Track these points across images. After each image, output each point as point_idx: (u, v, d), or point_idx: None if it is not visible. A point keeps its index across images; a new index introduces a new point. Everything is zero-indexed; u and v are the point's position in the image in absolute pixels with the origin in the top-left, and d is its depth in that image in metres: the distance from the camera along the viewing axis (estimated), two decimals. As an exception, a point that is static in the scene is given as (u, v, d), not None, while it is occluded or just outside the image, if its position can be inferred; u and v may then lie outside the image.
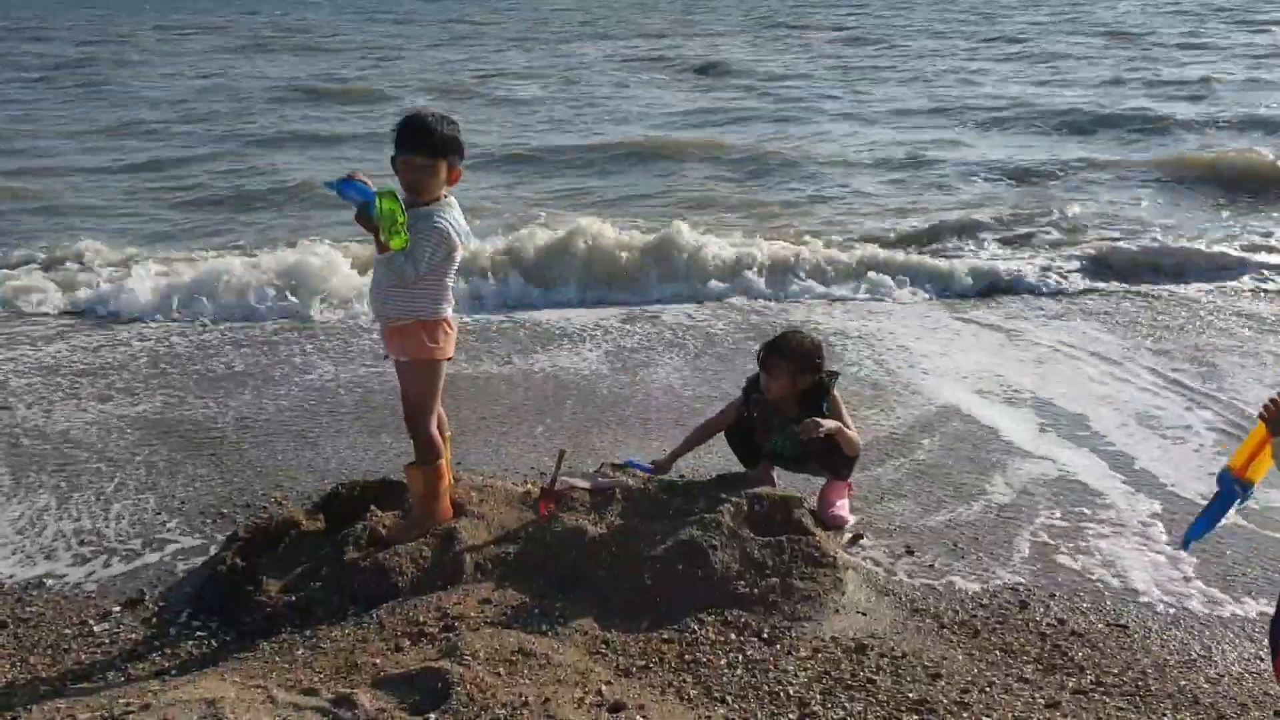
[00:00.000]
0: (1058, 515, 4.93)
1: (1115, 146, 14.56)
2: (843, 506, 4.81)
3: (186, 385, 6.77)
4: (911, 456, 5.57)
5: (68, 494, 5.25)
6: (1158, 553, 4.59)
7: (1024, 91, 19.22)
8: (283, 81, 22.07)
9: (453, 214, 4.17)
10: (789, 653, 3.73)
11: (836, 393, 4.83)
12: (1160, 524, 4.84)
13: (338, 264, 8.85)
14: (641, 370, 6.97)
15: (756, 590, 4.02)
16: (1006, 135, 15.60)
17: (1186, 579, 4.38)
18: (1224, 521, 3.27)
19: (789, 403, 4.77)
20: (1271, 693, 3.63)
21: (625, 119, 17.50)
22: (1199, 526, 3.25)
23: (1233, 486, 3.15)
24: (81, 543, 4.78)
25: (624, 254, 9.31)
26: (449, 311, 4.28)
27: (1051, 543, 4.67)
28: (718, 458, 5.33)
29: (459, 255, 4.23)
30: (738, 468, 5.04)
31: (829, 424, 4.63)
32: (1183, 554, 4.49)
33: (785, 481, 4.99)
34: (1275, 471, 3.10)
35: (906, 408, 6.22)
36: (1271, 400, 3.05)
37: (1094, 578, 4.39)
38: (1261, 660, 3.83)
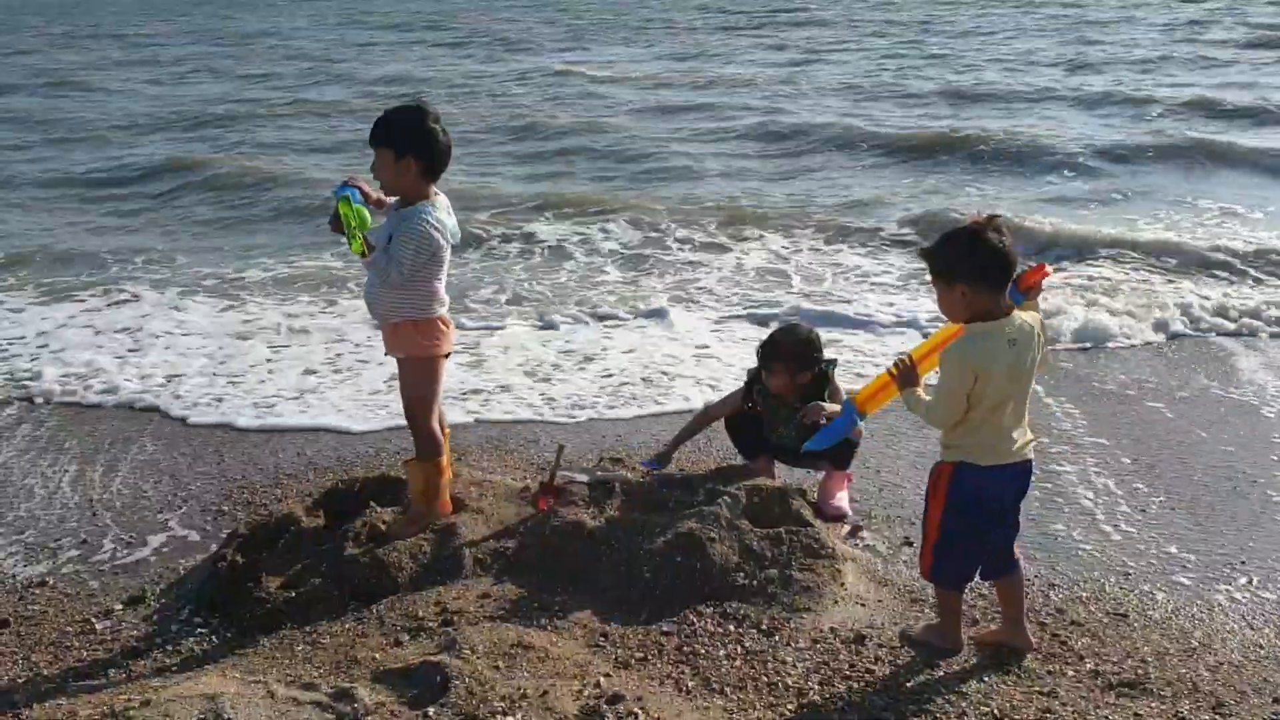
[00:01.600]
0: (1056, 505, 4.93)
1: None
2: (842, 499, 4.82)
3: (187, 378, 6.79)
4: (909, 446, 5.57)
5: (70, 493, 5.27)
6: (1158, 543, 4.59)
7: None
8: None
9: (437, 213, 4.14)
10: (788, 644, 3.72)
11: (837, 379, 4.84)
12: (1163, 513, 4.84)
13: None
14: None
15: (755, 582, 4.02)
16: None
17: (1186, 567, 4.38)
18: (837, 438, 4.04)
19: (791, 395, 4.78)
20: (1271, 680, 3.63)
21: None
22: (819, 440, 3.98)
23: (853, 415, 3.77)
24: (84, 541, 4.79)
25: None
26: (443, 311, 4.27)
27: (1051, 532, 4.67)
28: (718, 451, 5.34)
29: (446, 255, 4.21)
30: (738, 460, 5.04)
31: (831, 408, 4.64)
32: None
33: (784, 475, 4.99)
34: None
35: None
36: (901, 360, 3.61)
37: (1094, 568, 4.38)
38: (1261, 647, 3.83)
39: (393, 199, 4.21)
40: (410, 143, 4.07)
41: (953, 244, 3.45)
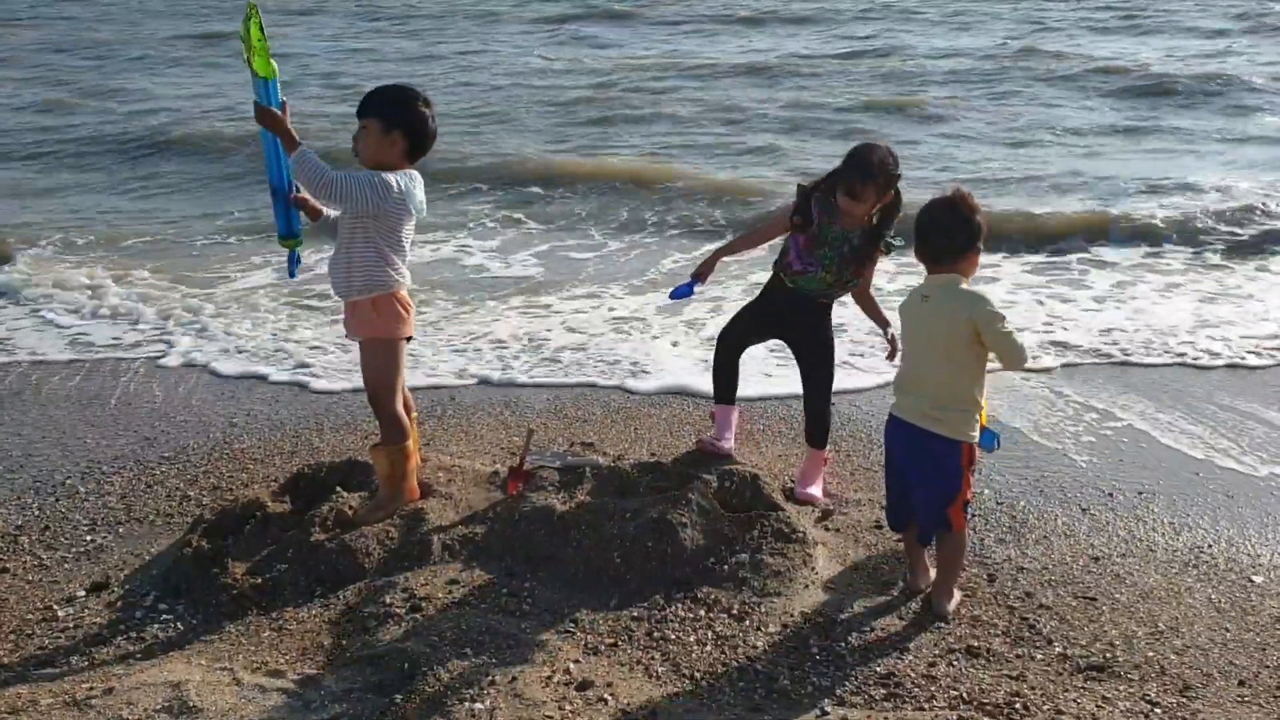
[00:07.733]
0: (1028, 489, 4.95)
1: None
2: (816, 486, 4.79)
3: (148, 366, 6.70)
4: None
5: (32, 478, 5.18)
6: (1126, 526, 4.61)
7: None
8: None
9: (408, 181, 4.09)
10: (758, 629, 3.72)
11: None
12: (1131, 498, 4.87)
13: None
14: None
15: (726, 567, 4.01)
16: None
17: (1154, 549, 4.41)
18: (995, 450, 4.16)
19: (860, 221, 4.54)
20: (1237, 663, 3.66)
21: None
22: (985, 439, 3.94)
23: (991, 439, 3.97)
24: (45, 528, 4.72)
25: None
26: (405, 286, 4.23)
27: (1021, 517, 4.69)
28: (690, 438, 5.32)
29: (410, 225, 4.17)
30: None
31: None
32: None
33: (756, 460, 4.98)
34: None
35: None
36: None
37: (1063, 552, 4.40)
38: (1227, 631, 3.86)
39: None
40: (400, 118, 4.05)
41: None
